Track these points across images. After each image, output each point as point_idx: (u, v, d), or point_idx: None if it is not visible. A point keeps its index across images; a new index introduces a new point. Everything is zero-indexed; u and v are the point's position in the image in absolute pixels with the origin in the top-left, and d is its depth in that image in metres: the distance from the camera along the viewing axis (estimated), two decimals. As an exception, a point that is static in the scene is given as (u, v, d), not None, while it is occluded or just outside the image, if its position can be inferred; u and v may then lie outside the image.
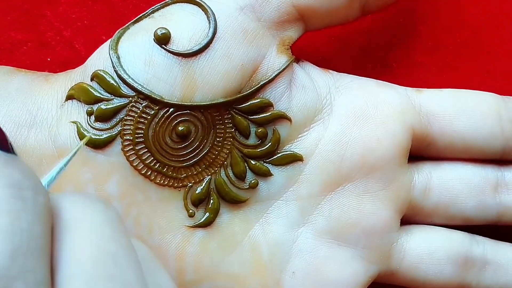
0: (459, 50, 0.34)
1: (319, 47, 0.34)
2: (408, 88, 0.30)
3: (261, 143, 0.28)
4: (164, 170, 0.27)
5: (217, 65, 0.26)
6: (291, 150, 0.28)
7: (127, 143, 0.26)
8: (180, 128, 0.27)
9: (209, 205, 0.28)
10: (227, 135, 0.28)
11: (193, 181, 0.28)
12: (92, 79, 0.27)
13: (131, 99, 0.26)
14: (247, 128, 0.28)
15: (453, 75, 0.34)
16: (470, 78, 0.33)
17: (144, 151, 0.27)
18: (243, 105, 0.27)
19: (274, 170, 0.28)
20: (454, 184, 0.30)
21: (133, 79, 0.26)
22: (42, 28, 0.33)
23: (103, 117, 0.26)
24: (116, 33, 0.27)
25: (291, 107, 0.28)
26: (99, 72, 0.26)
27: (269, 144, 0.28)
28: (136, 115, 0.26)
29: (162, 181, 0.27)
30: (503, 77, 0.34)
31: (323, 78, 0.29)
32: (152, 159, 0.27)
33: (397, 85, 0.30)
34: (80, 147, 0.24)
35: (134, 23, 0.27)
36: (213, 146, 0.28)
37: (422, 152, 0.30)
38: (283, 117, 0.28)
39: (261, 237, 0.28)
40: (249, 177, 0.28)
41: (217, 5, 0.27)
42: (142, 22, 0.27)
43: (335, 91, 0.29)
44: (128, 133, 0.26)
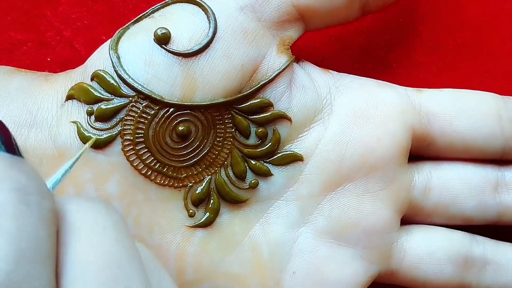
0: (459, 50, 0.34)
1: (319, 47, 0.34)
2: (408, 88, 0.30)
3: (261, 143, 0.28)
4: (164, 170, 0.27)
5: (217, 65, 0.26)
6: (291, 150, 0.28)
7: (127, 143, 0.26)
8: (180, 128, 0.27)
9: (209, 205, 0.28)
10: (227, 135, 0.28)
11: (193, 181, 0.28)
12: (92, 79, 0.27)
13: (131, 99, 0.26)
14: (247, 128, 0.28)
15: (453, 75, 0.33)
16: (470, 78, 0.33)
17: (144, 151, 0.27)
18: (243, 105, 0.27)
19: (274, 170, 0.28)
20: (454, 184, 0.30)
21: (133, 79, 0.26)
22: (42, 28, 0.33)
23: (103, 117, 0.26)
24: (116, 33, 0.27)
25: (291, 107, 0.28)
26: (99, 72, 0.26)
27: (269, 144, 0.28)
28: (136, 115, 0.26)
29: (162, 181, 0.27)
30: (503, 77, 0.34)
31: (323, 78, 0.29)
32: (152, 159, 0.27)
33: (397, 85, 0.30)
34: (85, 150, 0.24)
35: (134, 23, 0.27)
36: (213, 146, 0.28)
37: (422, 152, 0.30)
38: (283, 117, 0.28)
39: (261, 237, 0.28)
40: (249, 177, 0.28)
41: (217, 5, 0.27)
42: (142, 22, 0.27)
43: (335, 91, 0.29)
44: (128, 133, 0.26)
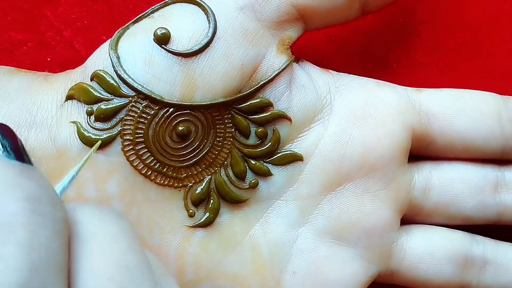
0: (459, 50, 0.34)
1: (319, 47, 0.34)
2: (408, 88, 0.30)
3: (261, 143, 0.28)
4: (164, 170, 0.27)
5: (217, 65, 0.26)
6: (291, 150, 0.28)
7: (127, 143, 0.26)
8: (180, 128, 0.27)
9: (209, 205, 0.28)
10: (227, 135, 0.28)
11: (193, 181, 0.28)
12: (92, 79, 0.27)
13: (131, 99, 0.26)
14: (247, 128, 0.28)
15: (453, 75, 0.33)
16: (470, 78, 0.33)
17: (144, 151, 0.27)
18: (243, 105, 0.27)
19: (274, 170, 0.28)
20: (454, 184, 0.30)
21: (133, 79, 0.26)
22: (42, 28, 0.33)
23: (103, 117, 0.26)
24: (116, 33, 0.27)
25: (291, 107, 0.28)
26: (99, 72, 0.26)
27: (269, 144, 0.28)
28: (136, 115, 0.26)
29: (162, 181, 0.27)
30: (503, 77, 0.34)
31: (323, 78, 0.29)
32: (152, 159, 0.27)
33: (397, 85, 0.30)
34: (90, 154, 0.24)
35: (134, 23, 0.27)
36: (213, 146, 0.28)
37: (422, 152, 0.30)
38: (283, 117, 0.28)
39: (261, 237, 0.28)
40: (249, 177, 0.28)
41: (217, 5, 0.27)
42: (142, 22, 0.27)
43: (335, 91, 0.29)
44: (128, 133, 0.26)
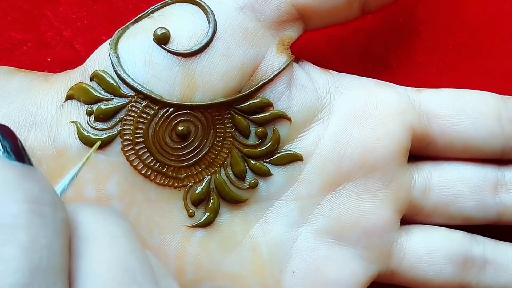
0: (459, 50, 0.34)
1: (319, 47, 0.34)
2: (408, 88, 0.30)
3: (261, 143, 0.28)
4: (164, 170, 0.27)
5: (217, 65, 0.26)
6: (291, 149, 0.28)
7: (127, 143, 0.26)
8: (180, 128, 0.27)
9: (209, 205, 0.28)
10: (227, 135, 0.28)
11: (193, 181, 0.28)
12: (91, 79, 0.27)
13: (130, 99, 0.26)
14: (247, 127, 0.28)
15: (453, 75, 0.33)
16: (470, 78, 0.33)
17: (144, 151, 0.27)
18: (243, 105, 0.27)
19: (274, 170, 0.28)
20: (454, 183, 0.30)
21: (132, 79, 0.26)
22: (42, 28, 0.33)
23: (103, 117, 0.26)
24: (115, 33, 0.27)
25: (291, 107, 0.28)
26: (98, 72, 0.26)
27: (269, 144, 0.28)
28: (136, 115, 0.26)
29: (162, 181, 0.27)
30: (503, 77, 0.34)
31: (323, 78, 0.29)
32: (152, 159, 0.27)
33: (397, 85, 0.30)
34: (90, 155, 0.24)
35: (133, 23, 0.27)
36: (213, 146, 0.28)
37: (422, 152, 0.30)
38: (283, 117, 0.28)
39: (261, 237, 0.28)
40: (249, 177, 0.28)
41: (217, 4, 0.27)
42: (141, 22, 0.27)
43: (335, 91, 0.29)
44: (128, 133, 0.26)
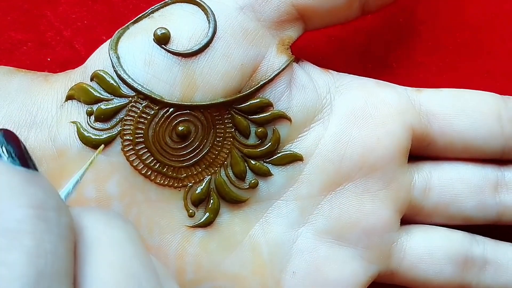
0: (459, 50, 0.34)
1: (319, 47, 0.34)
2: (408, 88, 0.30)
3: (261, 143, 0.28)
4: (164, 170, 0.27)
5: (217, 65, 0.26)
6: (291, 150, 0.28)
7: (127, 143, 0.26)
8: (180, 128, 0.27)
9: (209, 205, 0.28)
10: (227, 135, 0.28)
11: (193, 181, 0.28)
12: (92, 79, 0.27)
13: (131, 99, 0.26)
14: (247, 128, 0.28)
15: (453, 75, 0.33)
16: (470, 78, 0.33)
17: (144, 151, 0.27)
18: (243, 105, 0.27)
19: (274, 170, 0.28)
20: (454, 184, 0.30)
21: (133, 79, 0.26)
22: (42, 28, 0.33)
23: (103, 117, 0.26)
24: (115, 33, 0.27)
25: (291, 107, 0.28)
26: (99, 72, 0.26)
27: (269, 144, 0.28)
28: (136, 115, 0.26)
29: (162, 181, 0.27)
30: (503, 77, 0.34)
31: (323, 78, 0.29)
32: (152, 159, 0.27)
33: (397, 85, 0.30)
34: (94, 158, 0.24)
35: (133, 23, 0.27)
36: (213, 146, 0.28)
37: (422, 152, 0.30)
38: (283, 117, 0.28)
39: (261, 237, 0.28)
40: (249, 177, 0.28)
41: (217, 5, 0.27)
42: (141, 22, 0.27)
43: (335, 91, 0.29)
44: (128, 133, 0.26)
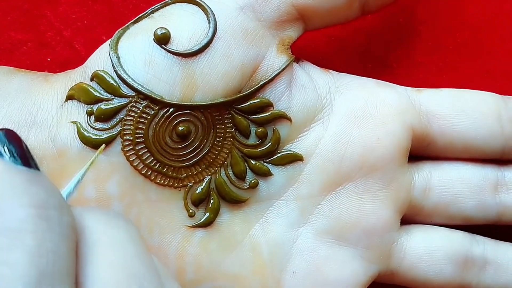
0: (459, 50, 0.34)
1: (319, 47, 0.34)
2: (408, 88, 0.30)
3: (261, 143, 0.28)
4: (164, 170, 0.27)
5: (217, 65, 0.26)
6: (291, 150, 0.28)
7: (127, 143, 0.26)
8: (180, 128, 0.27)
9: (209, 205, 0.28)
10: (227, 135, 0.28)
11: (193, 181, 0.28)
12: (92, 79, 0.27)
13: (131, 99, 0.26)
14: (247, 128, 0.28)
15: (453, 75, 0.33)
16: (470, 78, 0.33)
17: (144, 151, 0.27)
18: (243, 105, 0.27)
19: (274, 170, 0.28)
20: (454, 183, 0.30)
21: (133, 79, 0.26)
22: (42, 28, 0.33)
23: (103, 117, 0.26)
24: (116, 33, 0.27)
25: (291, 107, 0.28)
26: (99, 72, 0.26)
27: (269, 144, 0.28)
28: (136, 115, 0.26)
29: (162, 181, 0.27)
30: (503, 77, 0.34)
31: (323, 78, 0.29)
32: (152, 159, 0.27)
33: (397, 85, 0.30)
34: (95, 158, 0.24)
35: (134, 23, 0.27)
36: (213, 146, 0.28)
37: (422, 152, 0.30)
38: (283, 117, 0.28)
39: (261, 237, 0.28)
40: (249, 177, 0.28)
41: (217, 5, 0.27)
42: (141, 22, 0.27)
43: (335, 91, 0.29)
44: (128, 133, 0.26)
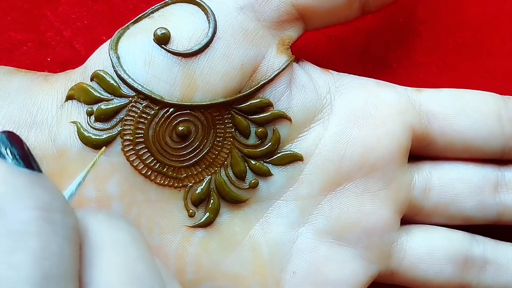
0: (459, 50, 0.34)
1: (319, 47, 0.34)
2: (408, 88, 0.30)
3: (261, 143, 0.28)
4: (164, 170, 0.27)
5: (217, 65, 0.26)
6: (291, 150, 0.28)
7: (127, 143, 0.26)
8: (180, 128, 0.27)
9: (209, 205, 0.28)
10: (227, 135, 0.28)
11: (193, 181, 0.28)
12: (92, 79, 0.27)
13: (131, 99, 0.26)
14: (247, 128, 0.28)
15: (453, 75, 0.33)
16: (470, 78, 0.33)
17: (144, 151, 0.27)
18: (243, 105, 0.27)
19: (274, 170, 0.28)
20: (454, 183, 0.30)
21: (133, 79, 0.26)
22: (42, 28, 0.33)
23: (103, 117, 0.26)
24: (116, 33, 0.27)
25: (291, 107, 0.28)
26: (99, 72, 0.26)
27: (269, 144, 0.28)
28: (136, 115, 0.26)
29: (162, 181, 0.27)
30: (503, 77, 0.34)
31: (323, 78, 0.29)
32: (152, 159, 0.27)
33: (397, 85, 0.30)
34: (96, 160, 0.24)
35: (134, 23, 0.27)
36: (213, 146, 0.28)
37: (422, 152, 0.30)
38: (283, 117, 0.28)
39: (261, 237, 0.28)
40: (249, 177, 0.28)
41: (217, 5, 0.27)
42: (141, 22, 0.27)
43: (335, 91, 0.29)
44: (128, 133, 0.26)
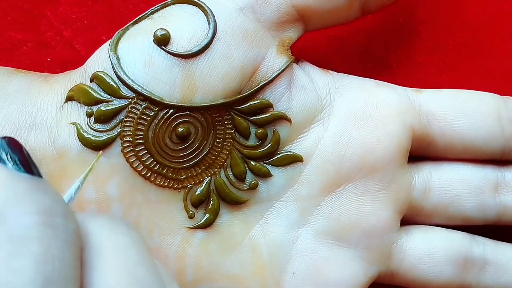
0: (459, 50, 0.34)
1: (319, 47, 0.34)
2: (407, 88, 0.30)
3: (261, 144, 0.28)
4: (164, 171, 0.27)
5: (217, 66, 0.26)
6: (291, 150, 0.28)
7: (127, 145, 0.26)
8: (180, 129, 0.27)
9: (209, 206, 0.28)
10: (227, 136, 0.28)
11: (193, 182, 0.28)
12: (91, 80, 0.27)
13: (130, 100, 0.26)
14: (247, 129, 0.28)
15: (453, 75, 0.33)
16: (470, 78, 0.33)
17: (144, 152, 0.27)
18: (243, 106, 0.27)
19: (274, 171, 0.28)
20: (454, 184, 0.30)
21: (132, 80, 0.26)
22: (42, 28, 0.33)
23: (102, 119, 0.26)
24: (115, 34, 0.27)
25: (291, 108, 0.28)
26: (98, 73, 0.26)
27: (269, 145, 0.28)
28: (136, 117, 0.26)
29: (162, 183, 0.27)
30: (503, 77, 0.33)
31: (323, 78, 0.29)
32: (152, 160, 0.27)
33: (397, 85, 0.30)
34: (94, 164, 0.24)
35: (133, 24, 0.27)
36: (213, 147, 0.28)
37: (422, 152, 0.30)
38: (283, 118, 0.28)
39: (261, 238, 0.28)
40: (249, 178, 0.28)
41: (217, 6, 0.27)
42: (141, 23, 0.27)
43: (335, 91, 0.29)
44: (128, 135, 0.26)
